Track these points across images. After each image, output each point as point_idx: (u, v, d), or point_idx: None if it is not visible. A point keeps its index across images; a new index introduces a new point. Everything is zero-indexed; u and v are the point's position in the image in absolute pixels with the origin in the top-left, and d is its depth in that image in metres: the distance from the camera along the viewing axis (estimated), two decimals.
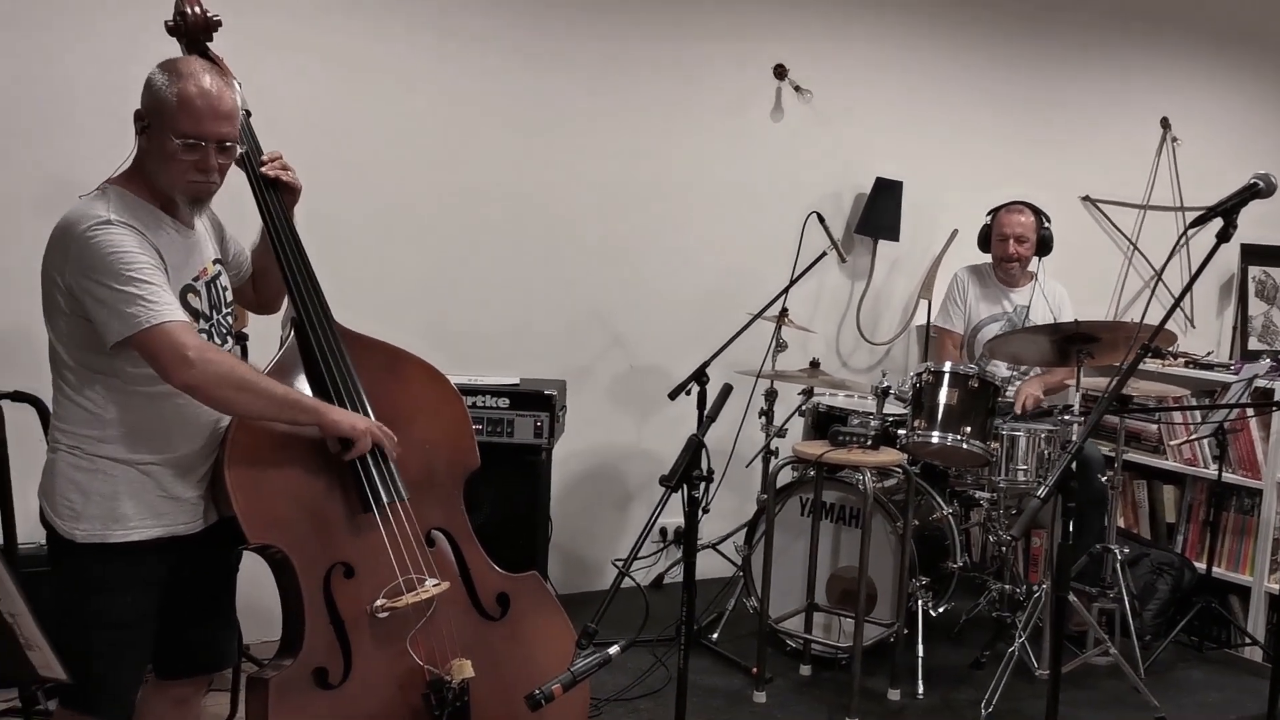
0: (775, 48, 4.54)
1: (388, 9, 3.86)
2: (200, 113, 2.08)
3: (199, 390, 2.10)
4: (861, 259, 4.88)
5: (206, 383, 2.09)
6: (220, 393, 2.12)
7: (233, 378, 2.13)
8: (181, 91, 2.08)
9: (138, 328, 2.04)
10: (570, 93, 4.19)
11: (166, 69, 2.13)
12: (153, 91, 2.11)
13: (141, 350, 2.07)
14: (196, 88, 2.09)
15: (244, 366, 2.21)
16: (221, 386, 2.11)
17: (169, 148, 2.09)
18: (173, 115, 2.08)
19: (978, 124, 5.02)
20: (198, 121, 2.09)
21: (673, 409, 4.00)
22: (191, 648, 2.36)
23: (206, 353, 2.10)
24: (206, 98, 2.09)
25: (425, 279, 4.01)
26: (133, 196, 2.14)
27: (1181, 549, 4.50)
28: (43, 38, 3.37)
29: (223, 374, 2.11)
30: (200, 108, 2.08)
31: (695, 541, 2.43)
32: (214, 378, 2.10)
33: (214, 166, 2.14)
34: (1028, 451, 3.70)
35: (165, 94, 2.09)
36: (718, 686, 3.58)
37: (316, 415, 2.22)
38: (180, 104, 2.08)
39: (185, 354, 2.06)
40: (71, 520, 2.14)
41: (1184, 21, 5.45)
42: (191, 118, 2.08)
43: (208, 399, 2.13)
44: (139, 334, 2.04)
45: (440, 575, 2.35)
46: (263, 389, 2.17)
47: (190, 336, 2.09)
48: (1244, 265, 5.69)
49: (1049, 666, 2.59)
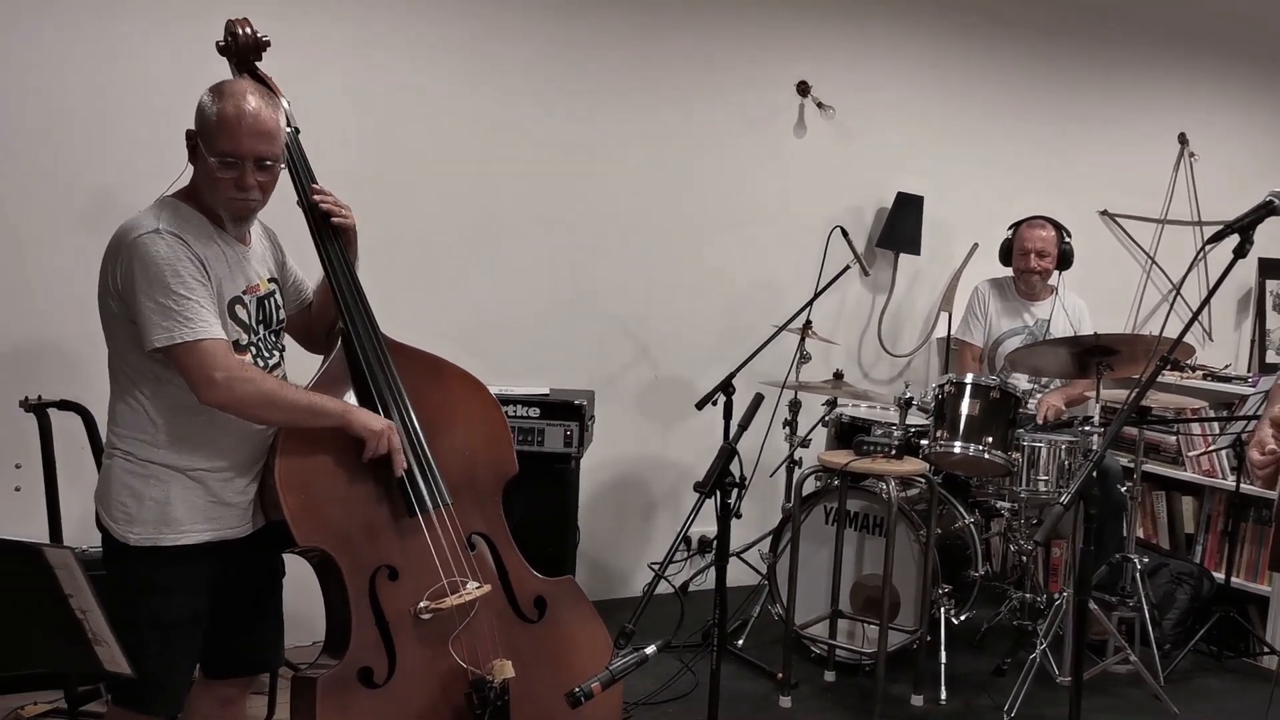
0: (798, 65, 4.62)
1: (427, 41, 3.95)
2: (237, 132, 2.15)
3: (227, 408, 2.18)
4: (883, 272, 4.95)
5: (233, 402, 2.17)
6: (248, 410, 2.20)
7: (259, 395, 2.19)
8: (221, 111, 2.16)
9: (170, 341, 2.12)
10: (598, 114, 4.27)
11: (214, 90, 2.21)
12: (200, 112, 2.21)
13: (174, 363, 2.15)
14: (236, 108, 2.16)
15: (270, 382, 2.25)
16: (248, 405, 2.19)
17: (209, 165, 2.18)
18: (213, 134, 2.17)
19: (997, 139, 5.09)
20: (234, 140, 2.16)
21: (697, 419, 4.08)
22: (239, 648, 2.42)
23: (235, 372, 2.17)
24: (244, 117, 2.16)
25: (460, 292, 4.10)
26: (187, 209, 2.22)
27: (1200, 559, 4.53)
28: (92, 60, 3.46)
29: (249, 393, 2.18)
30: (237, 127, 2.15)
31: (728, 545, 2.49)
32: (240, 398, 2.17)
33: (252, 184, 2.20)
34: (1049, 462, 3.76)
35: (208, 114, 2.18)
36: (744, 691, 3.63)
37: (340, 418, 2.28)
38: (219, 123, 2.16)
39: (212, 375, 2.13)
40: (126, 524, 2.21)
41: (1200, 39, 5.51)
42: (228, 136, 2.16)
43: (237, 414, 2.21)
44: (173, 347, 2.12)
45: (481, 578, 2.42)
46: (288, 402, 2.24)
47: (221, 357, 2.15)
48: (1261, 279, 5.73)
49: (1071, 671, 2.64)
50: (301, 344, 2.61)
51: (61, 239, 3.43)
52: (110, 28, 3.48)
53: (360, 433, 2.29)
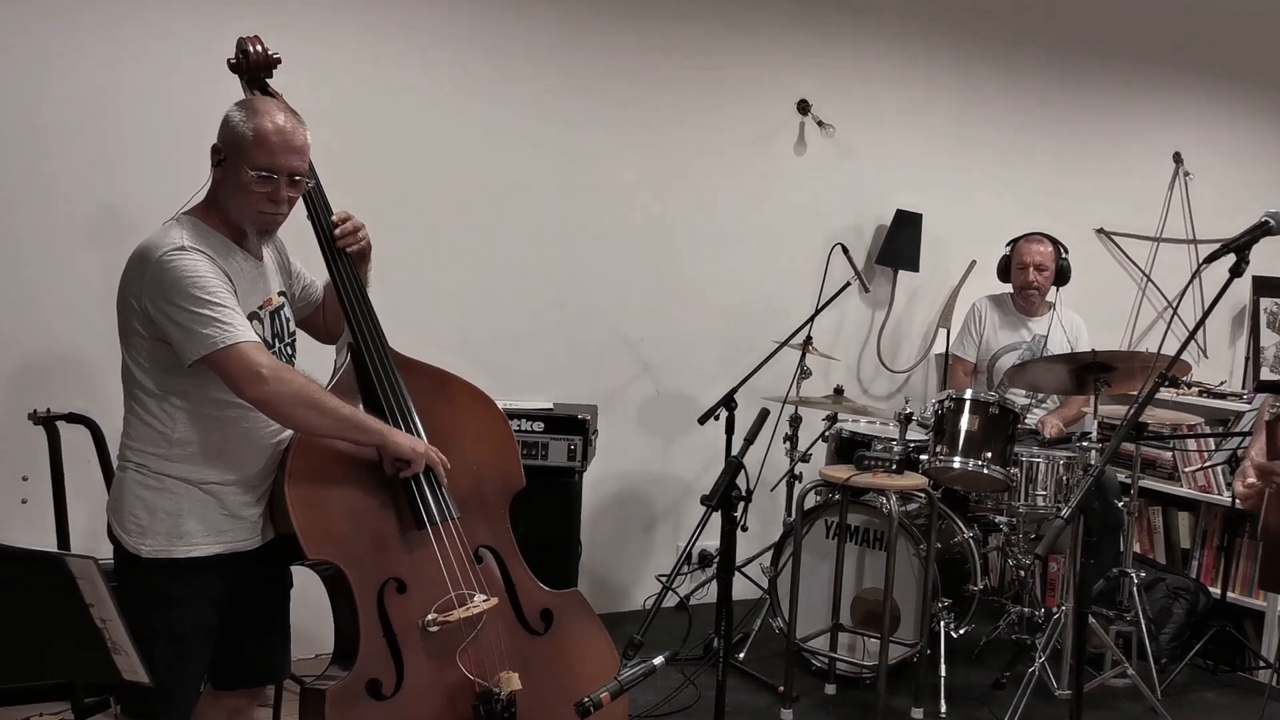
0: (799, 84, 4.67)
1: (426, 53, 3.98)
2: (275, 147, 2.21)
3: (270, 404, 2.20)
4: (882, 289, 4.99)
5: (279, 398, 2.19)
6: (291, 410, 2.22)
7: (304, 395, 2.23)
8: (258, 127, 2.20)
9: (213, 347, 2.14)
10: (600, 131, 4.32)
11: (244, 106, 2.26)
12: (230, 127, 2.24)
13: (217, 368, 2.17)
14: (272, 124, 2.21)
15: (314, 386, 2.29)
16: (293, 404, 2.22)
17: (244, 179, 2.21)
18: (249, 149, 2.20)
19: (995, 159, 5.14)
20: (272, 155, 2.21)
21: (699, 434, 4.11)
22: (248, 660, 2.44)
23: (280, 371, 2.21)
24: (281, 134, 2.21)
25: (465, 307, 4.13)
26: (206, 226, 2.25)
27: (1196, 574, 4.57)
28: (99, 80, 3.48)
29: (295, 391, 2.21)
30: (275, 143, 2.21)
31: (734, 557, 2.52)
32: (287, 395, 2.20)
33: (284, 198, 2.25)
34: (1047, 477, 3.81)
35: (243, 129, 2.21)
36: (745, 704, 3.66)
37: (380, 436, 2.33)
38: (256, 139, 2.20)
39: (260, 371, 2.17)
40: (138, 536, 2.23)
41: (1195, 59, 5.58)
42: (266, 151, 2.20)
43: (278, 414, 2.24)
44: (215, 353, 2.15)
45: (488, 591, 2.44)
46: (331, 408, 2.27)
47: (263, 355, 2.20)
48: (1256, 297, 5.78)
49: (1071, 683, 2.67)
50: (321, 340, 2.67)
51: (65, 252, 3.44)
52: (114, 40, 3.49)
53: (404, 454, 2.33)
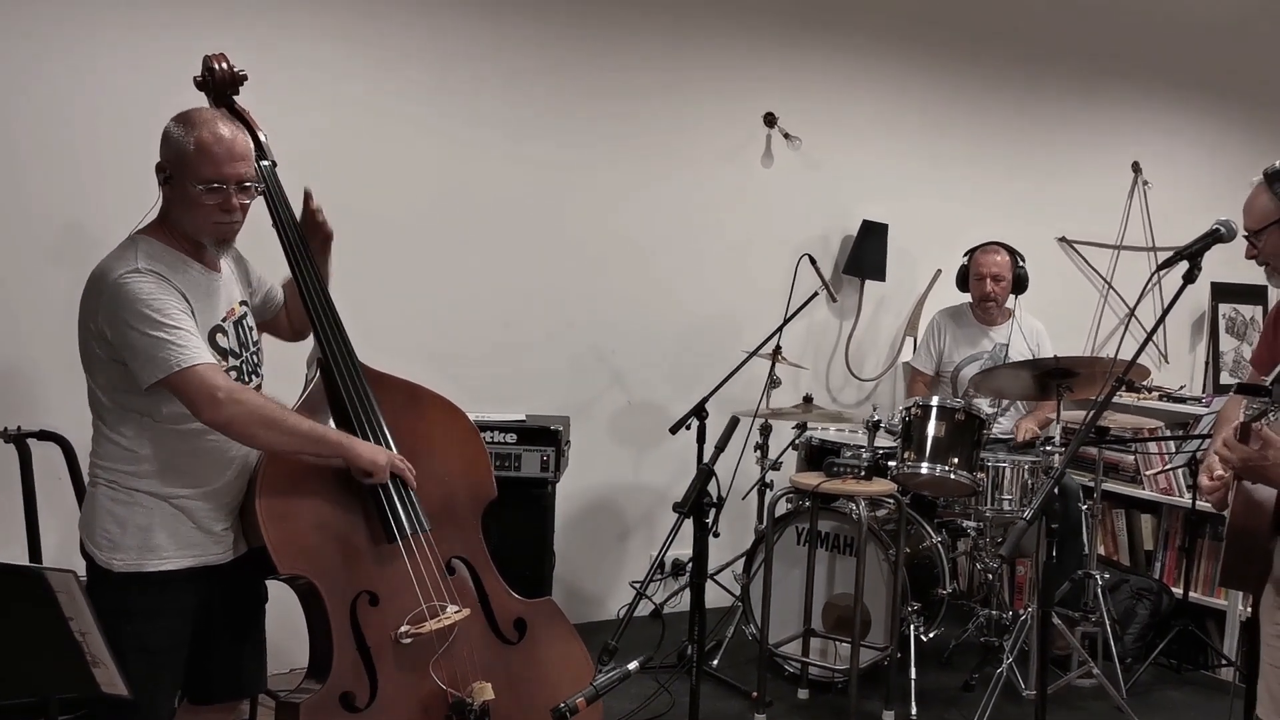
0: (765, 97, 4.73)
1: (394, 68, 4.00)
2: (219, 157, 2.20)
3: (229, 426, 2.22)
4: (849, 299, 5.05)
5: (236, 419, 2.20)
6: (250, 430, 2.24)
7: (261, 415, 2.24)
8: (198, 139, 2.20)
9: (170, 370, 2.15)
10: (570, 144, 4.34)
11: (180, 120, 2.25)
12: (171, 143, 2.23)
13: (174, 391, 2.18)
14: (211, 134, 2.21)
15: (271, 405, 2.30)
16: (251, 424, 2.23)
17: (192, 193, 2.21)
18: (193, 163, 2.20)
19: (959, 169, 5.22)
20: (217, 165, 2.20)
21: (670, 444, 4.15)
22: (222, 674, 2.45)
23: (235, 393, 2.22)
24: (222, 143, 2.21)
25: (436, 319, 4.14)
26: (160, 245, 2.25)
27: (1159, 575, 4.65)
28: (62, 93, 3.46)
29: (251, 412, 2.22)
30: (218, 153, 2.20)
31: (706, 563, 2.55)
32: (244, 415, 2.21)
33: (236, 206, 2.25)
34: (1013, 481, 3.87)
35: (183, 144, 2.21)
36: (719, 711, 3.69)
37: (341, 449, 2.34)
38: (198, 151, 2.20)
39: (215, 394, 2.18)
40: (109, 550, 2.24)
41: (1154, 71, 5.69)
42: (211, 162, 2.20)
43: (238, 436, 2.25)
44: (171, 376, 2.16)
45: (461, 602, 2.46)
46: (289, 426, 2.28)
47: (220, 378, 2.21)
48: (1214, 303, 5.89)
49: (1035, 683, 2.72)
50: (289, 339, 2.67)
51: (31, 270, 3.42)
52: (80, 56, 3.47)
53: (365, 466, 2.34)
